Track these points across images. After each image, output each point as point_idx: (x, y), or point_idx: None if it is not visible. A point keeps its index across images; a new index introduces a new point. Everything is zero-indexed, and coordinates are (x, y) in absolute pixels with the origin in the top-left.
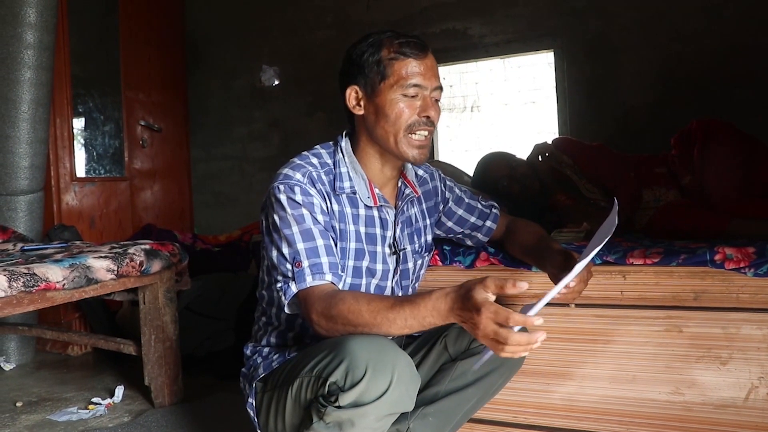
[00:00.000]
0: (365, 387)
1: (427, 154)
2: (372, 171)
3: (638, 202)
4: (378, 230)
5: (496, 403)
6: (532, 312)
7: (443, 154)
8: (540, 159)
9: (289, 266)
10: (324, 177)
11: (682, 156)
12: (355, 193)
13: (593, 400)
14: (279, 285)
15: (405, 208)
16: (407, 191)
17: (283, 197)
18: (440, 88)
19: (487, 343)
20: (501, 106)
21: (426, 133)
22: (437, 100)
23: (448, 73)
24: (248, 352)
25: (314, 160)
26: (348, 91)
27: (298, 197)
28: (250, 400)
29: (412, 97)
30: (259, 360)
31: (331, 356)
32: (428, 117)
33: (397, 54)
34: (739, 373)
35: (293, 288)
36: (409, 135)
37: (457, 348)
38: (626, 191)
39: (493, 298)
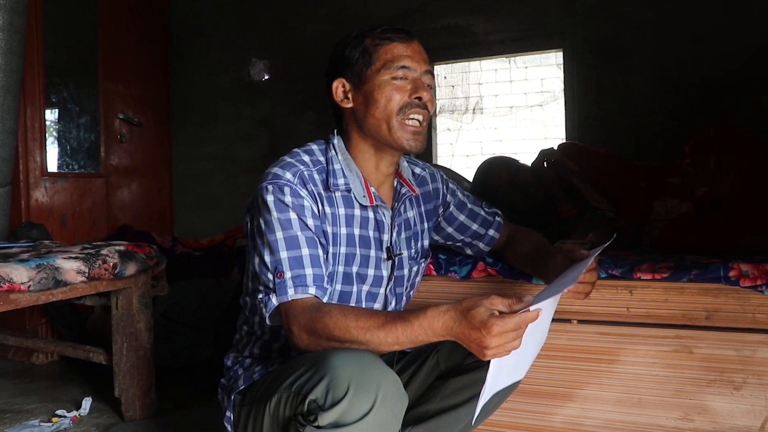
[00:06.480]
0: (347, 406)
1: (423, 142)
2: (367, 169)
3: (648, 213)
4: (372, 232)
5: (491, 424)
6: (538, 303)
7: (443, 159)
8: (545, 165)
9: (270, 276)
10: (316, 176)
11: (696, 166)
12: (349, 191)
13: (596, 424)
14: (260, 296)
15: (402, 210)
16: (404, 190)
17: (270, 198)
18: (431, 74)
19: (495, 356)
20: (505, 108)
21: (420, 117)
22: (429, 86)
23: (450, 72)
24: (229, 362)
25: (306, 158)
26: (335, 84)
27: (288, 199)
28: (227, 413)
29: (402, 79)
30: (240, 371)
31: (312, 372)
32: (420, 98)
33: (381, 40)
34: (755, 399)
35: (274, 301)
36: (403, 120)
37: (450, 363)
38: (636, 202)
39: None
